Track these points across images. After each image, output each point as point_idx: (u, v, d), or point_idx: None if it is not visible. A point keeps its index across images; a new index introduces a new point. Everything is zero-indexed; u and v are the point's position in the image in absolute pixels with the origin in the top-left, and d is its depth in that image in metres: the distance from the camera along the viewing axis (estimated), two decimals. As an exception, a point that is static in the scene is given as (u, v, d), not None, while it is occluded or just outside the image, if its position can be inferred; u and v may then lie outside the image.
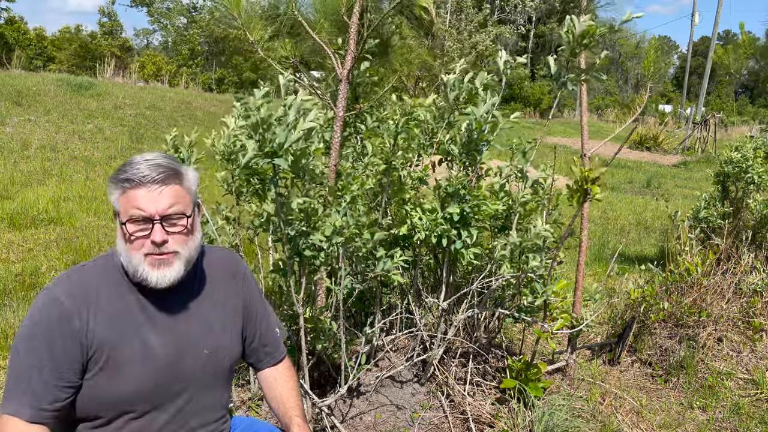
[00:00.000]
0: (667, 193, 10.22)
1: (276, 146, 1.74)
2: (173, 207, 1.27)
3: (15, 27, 25.96)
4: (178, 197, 1.28)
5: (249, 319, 1.50)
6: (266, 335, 1.54)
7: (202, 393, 1.38)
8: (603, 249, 5.94)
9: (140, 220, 1.24)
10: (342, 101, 2.38)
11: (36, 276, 3.93)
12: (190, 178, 1.33)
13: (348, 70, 2.38)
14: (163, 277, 1.26)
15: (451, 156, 2.54)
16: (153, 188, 1.25)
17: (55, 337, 1.22)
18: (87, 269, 1.32)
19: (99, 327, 1.25)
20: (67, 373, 1.22)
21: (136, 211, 1.24)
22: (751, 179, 4.52)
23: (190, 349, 1.35)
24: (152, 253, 1.26)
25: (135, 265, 1.26)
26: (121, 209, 1.26)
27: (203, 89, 20.61)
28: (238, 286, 1.49)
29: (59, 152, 7.68)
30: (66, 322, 1.22)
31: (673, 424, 2.79)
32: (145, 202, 1.24)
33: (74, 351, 1.22)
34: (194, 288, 1.40)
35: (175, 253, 1.28)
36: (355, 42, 2.36)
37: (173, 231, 1.27)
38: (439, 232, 2.37)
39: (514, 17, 34.95)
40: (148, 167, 1.26)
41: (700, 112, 19.81)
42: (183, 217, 1.29)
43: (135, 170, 1.25)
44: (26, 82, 10.88)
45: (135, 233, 1.24)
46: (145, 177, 1.24)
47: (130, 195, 1.25)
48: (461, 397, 2.59)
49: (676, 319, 3.52)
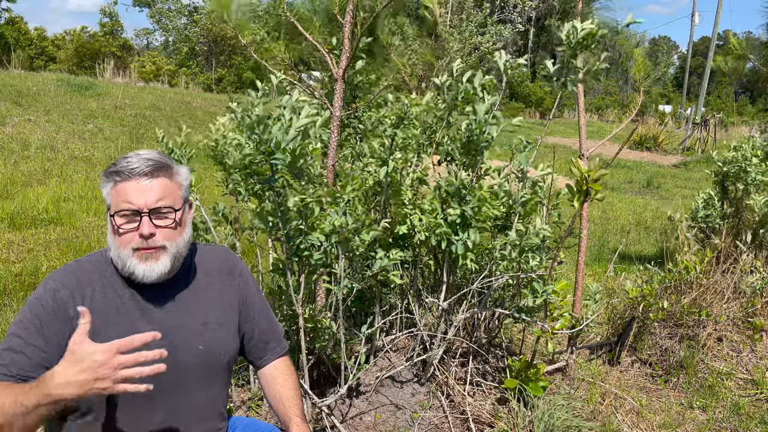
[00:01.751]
0: (667, 194, 10.22)
1: (273, 145, 1.74)
2: (162, 200, 1.27)
3: (16, 27, 25.96)
4: (167, 191, 1.29)
5: (247, 317, 1.50)
6: (268, 331, 1.55)
7: (197, 389, 1.38)
8: (603, 249, 5.95)
9: (129, 213, 1.25)
10: (338, 101, 2.38)
11: (36, 276, 3.93)
12: (181, 173, 1.34)
13: (343, 69, 2.38)
14: (150, 271, 1.27)
15: (451, 156, 2.54)
16: (142, 181, 1.26)
17: (49, 322, 1.24)
18: (83, 263, 1.34)
19: (91, 318, 1.25)
20: (52, 355, 1.22)
21: (124, 204, 1.25)
22: (751, 179, 4.52)
23: (183, 344, 1.34)
24: (140, 248, 1.27)
25: (123, 258, 1.27)
26: (111, 202, 1.28)
27: (203, 89, 20.61)
28: (235, 284, 1.49)
29: (59, 152, 7.68)
30: (62, 310, 1.24)
31: (673, 424, 2.79)
32: (133, 195, 1.25)
33: (65, 337, 1.23)
34: (189, 284, 1.41)
35: (163, 248, 1.28)
36: (349, 41, 2.36)
37: (161, 225, 1.28)
38: (439, 234, 2.37)
39: (514, 17, 34.95)
40: (138, 160, 1.27)
41: (700, 113, 19.82)
42: (172, 211, 1.29)
43: (125, 163, 1.27)
44: (26, 82, 10.89)
45: (123, 226, 1.26)
46: (134, 170, 1.26)
47: (119, 188, 1.26)
48: (461, 397, 2.59)
49: (676, 318, 3.52)
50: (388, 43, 2.86)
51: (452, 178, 2.43)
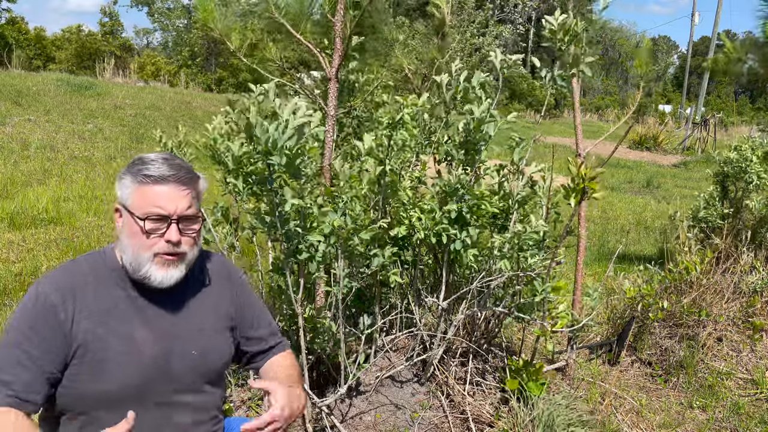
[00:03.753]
0: (667, 194, 10.22)
1: (270, 145, 1.74)
2: (191, 209, 1.29)
3: (16, 27, 25.95)
4: (194, 200, 1.31)
5: (245, 325, 1.50)
6: (269, 338, 1.54)
7: (191, 393, 1.37)
8: (603, 249, 5.94)
9: (158, 218, 1.25)
10: (332, 100, 2.38)
11: (36, 276, 3.93)
12: (202, 184, 1.36)
13: (336, 68, 2.37)
14: (169, 277, 1.28)
15: (450, 156, 2.54)
16: (175, 188, 1.26)
17: (39, 327, 1.22)
18: (77, 263, 1.33)
19: (84, 321, 1.25)
20: (46, 364, 1.21)
21: (155, 208, 1.25)
22: (751, 179, 4.52)
23: (178, 348, 1.34)
24: (163, 253, 1.26)
25: (141, 262, 1.26)
26: (136, 204, 1.26)
27: (203, 89, 20.61)
28: (233, 292, 1.49)
29: (59, 152, 7.68)
30: (52, 314, 1.23)
31: (673, 423, 2.79)
32: (165, 200, 1.25)
33: (56, 342, 1.22)
34: (187, 289, 1.40)
35: (183, 255, 1.29)
36: (341, 40, 2.35)
37: (188, 233, 1.29)
38: (438, 231, 2.37)
39: (514, 17, 34.94)
40: (170, 167, 1.27)
41: (700, 112, 19.82)
42: (198, 220, 1.31)
43: (157, 167, 1.26)
44: (26, 82, 10.88)
45: (150, 230, 1.25)
46: (169, 176, 1.26)
47: (148, 190, 1.25)
48: (461, 397, 2.59)
49: (676, 318, 3.52)
50: (393, 38, 2.85)
51: (451, 178, 2.43)
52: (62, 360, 1.23)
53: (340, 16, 2.34)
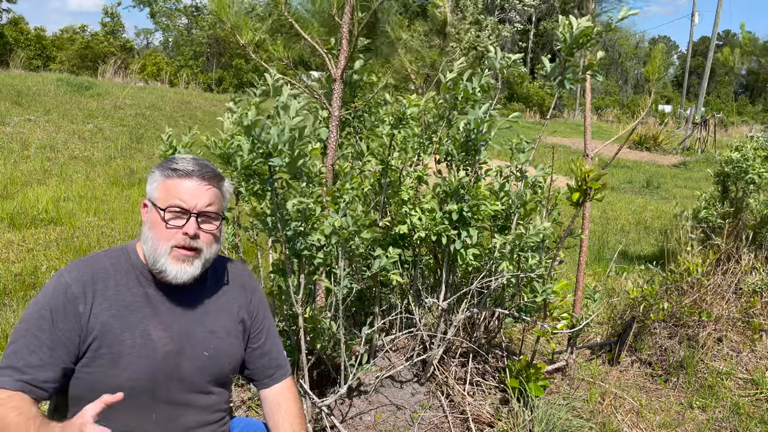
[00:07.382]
0: (666, 194, 10.22)
1: (271, 147, 1.74)
2: (212, 206, 1.33)
3: (17, 28, 25.92)
4: (217, 199, 1.35)
5: (255, 334, 1.51)
6: (273, 355, 1.54)
7: (200, 393, 1.38)
8: (603, 249, 5.94)
9: (178, 210, 1.29)
10: (337, 100, 2.38)
11: (36, 276, 3.93)
12: (226, 187, 1.40)
13: (342, 69, 2.38)
14: (183, 272, 1.30)
15: (450, 156, 2.54)
16: (198, 183, 1.31)
17: (58, 318, 1.24)
18: (100, 257, 1.35)
19: (102, 314, 1.27)
20: (61, 354, 1.23)
21: (176, 200, 1.29)
22: (751, 179, 4.52)
23: (190, 348, 1.35)
24: (180, 246, 1.29)
25: (158, 255, 1.29)
26: (160, 196, 1.30)
27: (203, 89, 20.61)
28: (247, 299, 1.51)
29: (59, 152, 7.68)
30: (71, 306, 1.25)
31: (673, 424, 2.79)
32: (187, 194, 1.30)
33: (73, 333, 1.24)
34: (204, 291, 1.42)
35: (199, 252, 1.32)
36: (347, 41, 2.35)
37: (206, 229, 1.32)
38: (438, 231, 2.37)
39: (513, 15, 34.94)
40: (197, 164, 1.33)
41: (700, 112, 19.81)
42: (218, 218, 1.35)
43: (185, 163, 1.32)
44: (26, 82, 10.89)
45: (170, 221, 1.29)
46: (194, 171, 1.31)
47: (172, 183, 1.30)
48: (461, 397, 2.59)
49: (676, 319, 3.52)
50: (397, 37, 2.85)
51: (451, 178, 2.43)
52: (76, 351, 1.25)
53: (348, 18, 2.34)
